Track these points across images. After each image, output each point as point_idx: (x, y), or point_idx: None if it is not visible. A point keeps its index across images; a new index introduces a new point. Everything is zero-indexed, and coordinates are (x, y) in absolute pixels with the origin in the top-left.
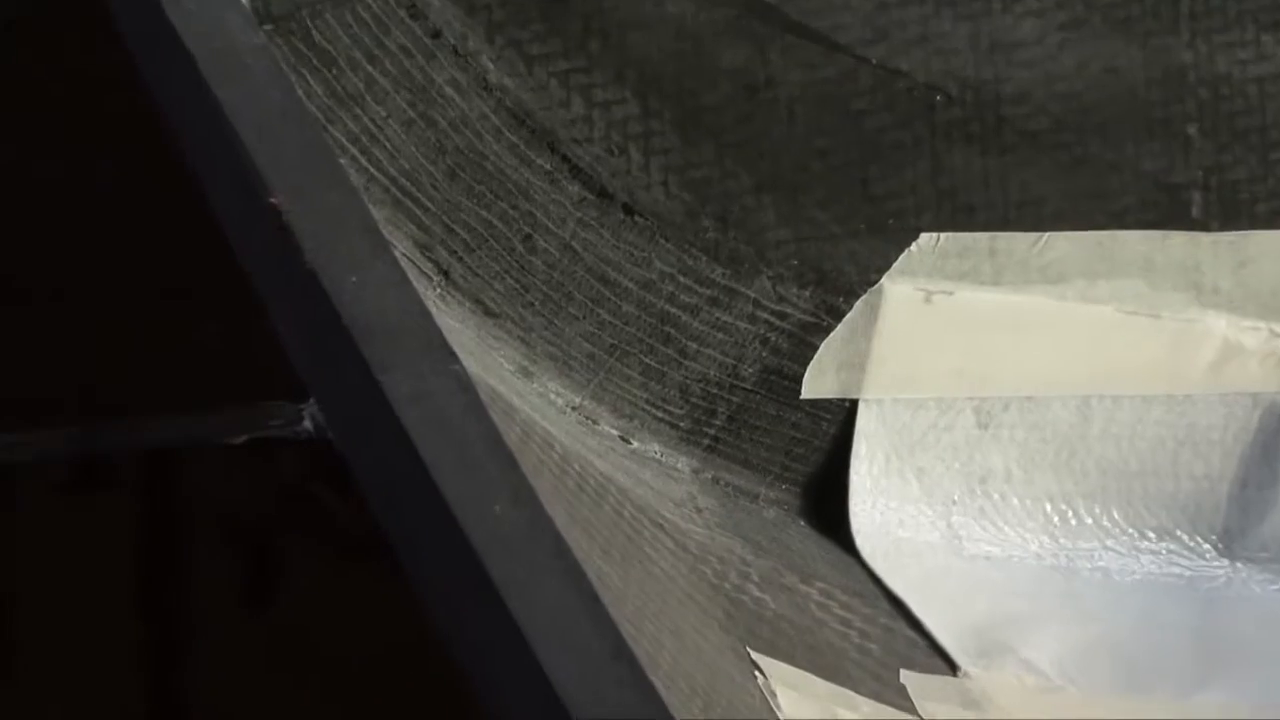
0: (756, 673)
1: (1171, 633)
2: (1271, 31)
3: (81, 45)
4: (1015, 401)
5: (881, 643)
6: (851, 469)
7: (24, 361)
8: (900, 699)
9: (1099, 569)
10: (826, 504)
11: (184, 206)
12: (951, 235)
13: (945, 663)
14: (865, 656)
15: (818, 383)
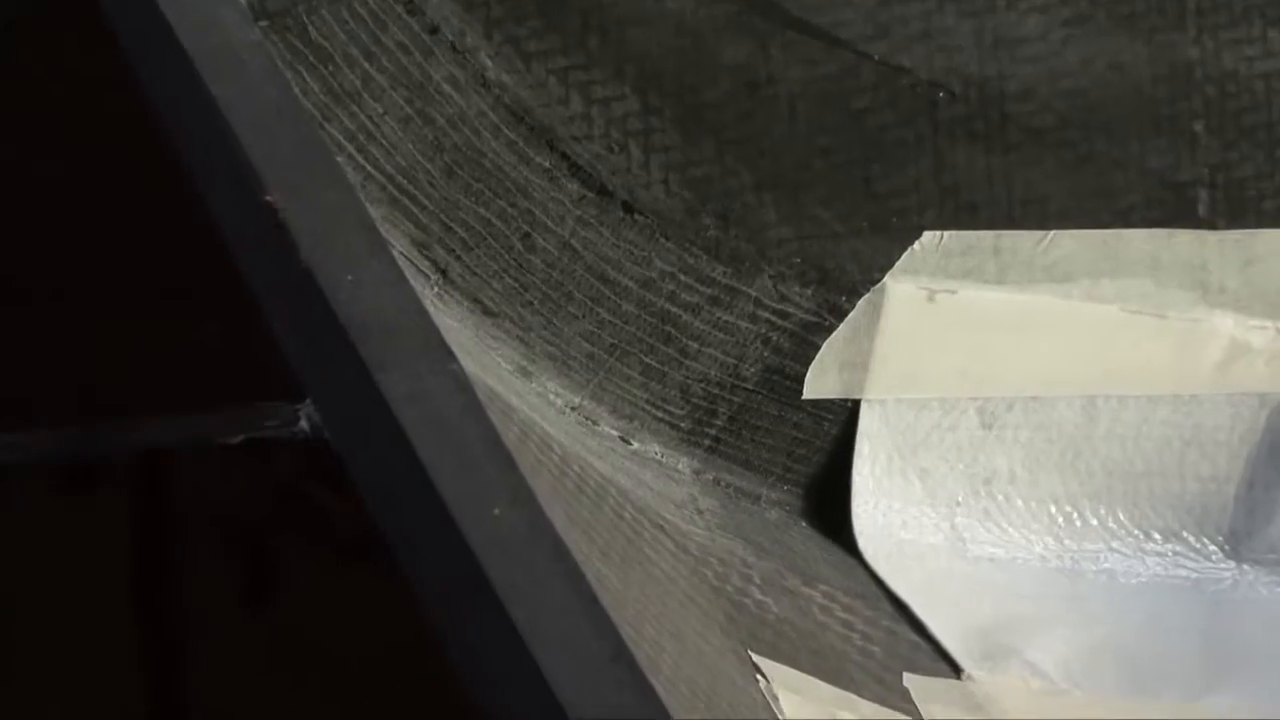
0: (758, 676)
1: (1177, 635)
2: (1278, 27)
3: (81, 45)
4: (1020, 402)
5: (884, 645)
6: (854, 470)
7: (23, 361)
8: (903, 702)
9: (1104, 571)
10: (829, 505)
11: (183, 207)
12: (955, 233)
13: (949, 666)
14: (868, 659)
15: (820, 383)
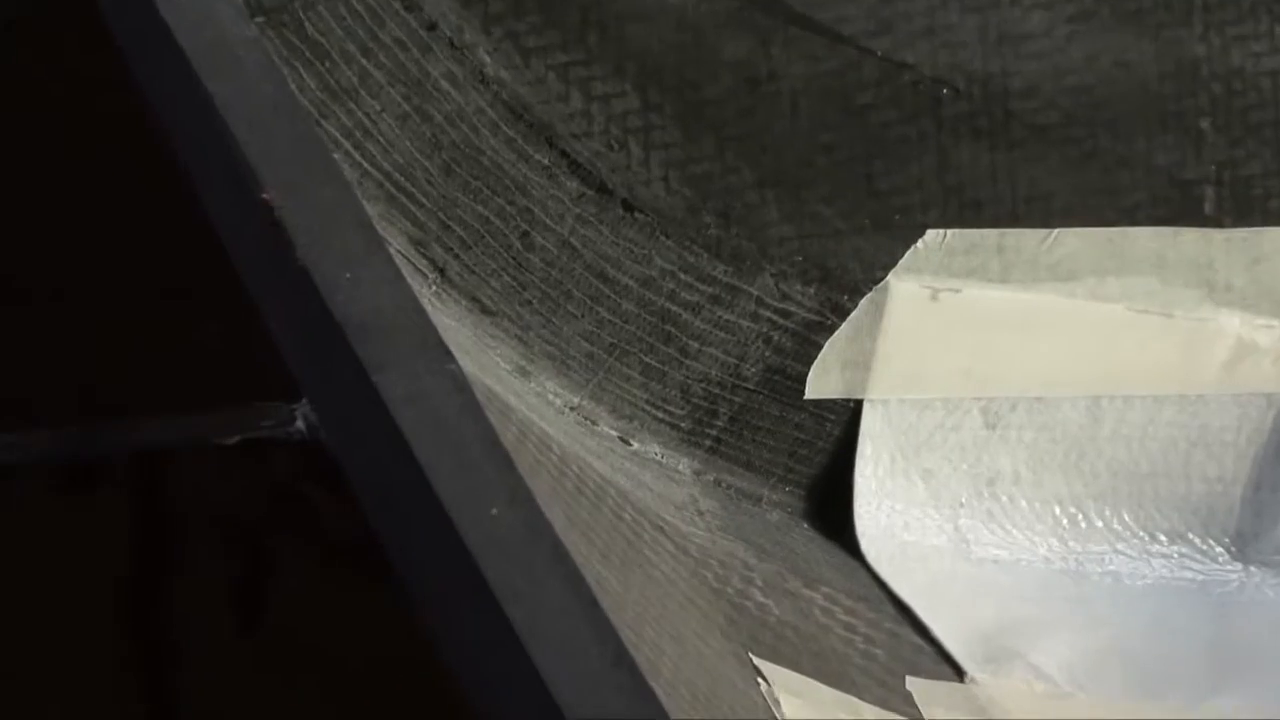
0: (759, 679)
1: (1183, 638)
2: None
3: (80, 45)
4: (1024, 402)
5: (887, 648)
6: (856, 471)
7: (23, 361)
8: (906, 706)
9: (1109, 573)
10: (831, 507)
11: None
12: (958, 232)
13: (952, 669)
14: (870, 662)
15: (822, 382)
